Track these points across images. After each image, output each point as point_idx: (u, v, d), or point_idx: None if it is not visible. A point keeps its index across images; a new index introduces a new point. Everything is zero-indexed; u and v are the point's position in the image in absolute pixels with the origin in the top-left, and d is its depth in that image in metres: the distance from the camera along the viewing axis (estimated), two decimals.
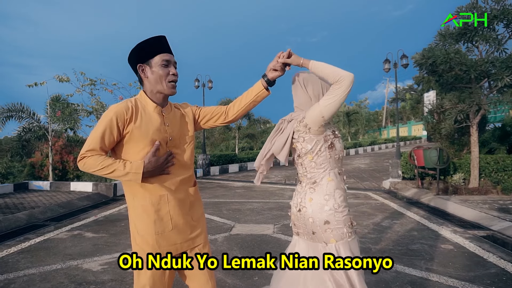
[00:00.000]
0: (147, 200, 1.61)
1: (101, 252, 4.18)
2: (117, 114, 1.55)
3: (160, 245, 1.62)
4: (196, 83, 15.60)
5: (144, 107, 1.65)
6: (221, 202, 7.59)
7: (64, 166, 10.62)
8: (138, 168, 1.53)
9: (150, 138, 1.59)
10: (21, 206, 6.81)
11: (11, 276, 3.46)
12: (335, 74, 1.62)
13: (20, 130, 10.68)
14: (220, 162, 15.34)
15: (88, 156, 1.53)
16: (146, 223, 1.61)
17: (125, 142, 1.59)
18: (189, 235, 1.71)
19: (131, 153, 1.60)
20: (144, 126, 1.59)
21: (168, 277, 1.68)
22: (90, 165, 1.52)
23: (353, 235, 1.72)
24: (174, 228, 1.65)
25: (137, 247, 1.64)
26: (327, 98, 1.65)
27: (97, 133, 1.53)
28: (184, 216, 1.69)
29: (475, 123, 7.54)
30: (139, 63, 1.64)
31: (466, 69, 7.04)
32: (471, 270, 3.39)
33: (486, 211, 5.66)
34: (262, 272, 3.45)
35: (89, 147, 1.53)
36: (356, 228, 1.79)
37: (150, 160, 1.56)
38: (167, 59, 1.64)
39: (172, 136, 1.67)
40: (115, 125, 1.54)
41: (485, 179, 7.87)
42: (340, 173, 1.81)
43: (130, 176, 1.53)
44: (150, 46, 1.63)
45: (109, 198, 8.39)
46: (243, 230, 5.10)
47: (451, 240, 4.39)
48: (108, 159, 1.53)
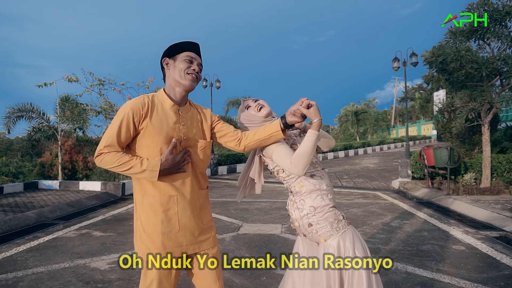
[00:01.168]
0: (156, 199, 1.60)
1: (109, 251, 4.19)
2: (133, 109, 1.56)
3: (166, 246, 1.61)
4: (204, 82, 15.63)
5: (161, 104, 1.65)
6: (229, 201, 7.57)
7: (73, 165, 10.70)
8: (155, 166, 1.54)
9: (164, 135, 1.59)
10: (31, 205, 6.88)
11: (19, 274, 3.48)
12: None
13: (30, 130, 10.80)
14: (228, 162, 15.33)
15: (106, 152, 1.53)
16: (154, 222, 1.60)
17: (140, 138, 1.59)
18: (197, 238, 1.69)
19: (145, 149, 1.59)
20: (158, 122, 1.59)
21: (174, 276, 1.66)
22: (107, 161, 1.53)
23: (342, 229, 1.69)
24: (181, 230, 1.63)
25: (142, 245, 1.62)
26: (280, 156, 1.71)
27: (114, 128, 1.54)
28: (194, 218, 1.67)
29: (486, 122, 7.40)
30: (165, 57, 1.69)
31: (477, 67, 6.92)
32: (484, 272, 3.31)
33: (498, 211, 5.55)
34: (270, 272, 3.42)
35: (106, 143, 1.54)
36: (346, 220, 1.75)
37: (167, 158, 1.57)
38: (192, 56, 1.68)
39: (187, 136, 1.67)
40: (131, 120, 1.55)
41: (497, 179, 7.73)
42: (314, 175, 1.77)
43: (146, 174, 1.54)
44: (181, 45, 1.69)
45: (118, 197, 8.43)
46: (251, 229, 5.07)
47: (463, 240, 4.31)
48: (125, 156, 1.54)
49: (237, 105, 18.88)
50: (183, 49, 1.68)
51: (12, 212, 6.15)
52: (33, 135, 10.76)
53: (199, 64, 1.71)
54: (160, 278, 1.61)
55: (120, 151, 1.56)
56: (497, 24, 7.11)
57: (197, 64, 1.70)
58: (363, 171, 13.46)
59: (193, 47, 1.71)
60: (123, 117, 1.55)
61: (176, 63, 1.66)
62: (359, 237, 1.73)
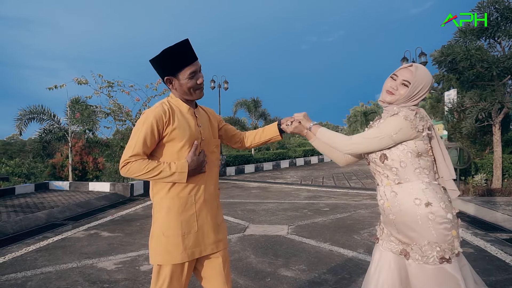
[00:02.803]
0: (175, 201, 1.63)
1: (116, 251, 4.23)
2: (156, 118, 1.60)
3: (187, 246, 1.63)
4: (212, 84, 15.71)
5: (179, 109, 1.70)
6: (236, 202, 7.58)
7: (83, 166, 10.85)
8: (183, 168, 1.60)
9: (188, 138, 1.65)
10: (41, 206, 6.99)
11: (28, 274, 3.54)
12: (343, 144, 1.70)
13: (41, 132, 10.98)
14: (236, 163, 15.37)
15: (133, 161, 1.57)
16: (174, 224, 1.62)
17: (163, 143, 1.64)
18: (215, 238, 1.73)
19: (169, 153, 1.65)
20: (182, 127, 1.65)
21: (185, 278, 1.67)
22: (135, 169, 1.56)
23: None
24: (199, 230, 1.67)
25: (161, 249, 1.62)
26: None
27: (140, 138, 1.58)
28: (211, 218, 1.72)
29: (497, 122, 7.28)
30: (166, 76, 1.67)
31: (487, 66, 6.82)
32: (492, 275, 3.26)
33: (509, 213, 5.45)
34: (274, 273, 3.42)
35: (133, 152, 1.57)
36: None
37: (193, 159, 1.63)
38: (193, 70, 1.66)
39: (204, 137, 1.75)
40: (155, 129, 1.59)
41: (508, 179, 7.60)
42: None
43: (176, 176, 1.60)
44: (175, 58, 1.63)
45: (126, 198, 8.52)
46: (257, 230, 5.07)
47: (472, 243, 4.24)
48: (152, 162, 1.59)
49: (245, 106, 18.92)
50: (182, 64, 1.63)
51: (23, 213, 6.25)
52: (44, 136, 10.94)
53: (200, 71, 1.71)
54: (171, 279, 1.62)
55: (145, 159, 1.60)
56: (508, 22, 7.00)
57: (200, 73, 1.70)
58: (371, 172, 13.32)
59: (188, 55, 1.65)
60: (148, 127, 1.58)
61: (182, 82, 1.66)
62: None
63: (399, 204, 1.59)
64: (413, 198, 1.56)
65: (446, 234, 1.52)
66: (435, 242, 1.51)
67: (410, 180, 1.59)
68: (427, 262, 1.51)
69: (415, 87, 1.61)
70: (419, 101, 1.65)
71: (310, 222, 5.48)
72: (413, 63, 1.69)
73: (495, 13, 7.03)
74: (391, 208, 1.62)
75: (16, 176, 11.38)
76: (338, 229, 5.02)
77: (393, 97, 1.65)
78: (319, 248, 4.18)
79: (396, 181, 1.62)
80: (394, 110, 1.63)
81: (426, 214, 1.52)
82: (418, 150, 1.58)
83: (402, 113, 1.58)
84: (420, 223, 1.53)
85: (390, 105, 1.68)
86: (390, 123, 1.60)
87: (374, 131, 1.64)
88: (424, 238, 1.53)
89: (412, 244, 1.56)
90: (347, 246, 4.22)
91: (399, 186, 1.61)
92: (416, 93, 1.62)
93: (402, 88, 1.63)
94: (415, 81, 1.60)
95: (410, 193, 1.57)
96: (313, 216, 5.96)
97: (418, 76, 1.60)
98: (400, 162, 1.60)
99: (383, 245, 1.70)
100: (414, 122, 1.55)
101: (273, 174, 14.19)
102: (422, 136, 1.58)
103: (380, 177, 1.71)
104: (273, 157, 17.23)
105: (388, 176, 1.65)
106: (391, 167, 1.62)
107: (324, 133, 1.79)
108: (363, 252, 3.96)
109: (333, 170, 13.99)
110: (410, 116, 1.56)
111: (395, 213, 1.61)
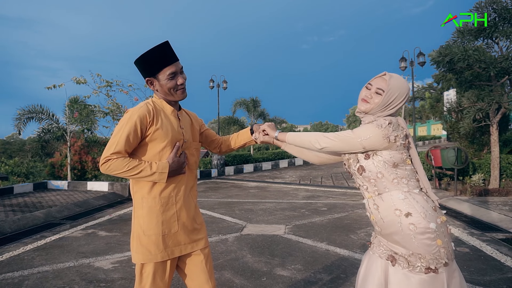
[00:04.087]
0: (156, 201, 1.65)
1: (113, 250, 4.25)
2: (141, 117, 1.62)
3: (166, 246, 1.66)
4: (211, 83, 15.71)
5: (163, 110, 1.73)
6: (234, 202, 7.60)
7: (83, 166, 10.86)
8: (164, 168, 1.62)
9: (170, 139, 1.68)
10: (39, 205, 7.00)
11: (25, 273, 3.55)
12: (314, 142, 1.69)
13: (39, 131, 11.00)
14: (235, 162, 15.37)
15: (114, 158, 1.58)
16: (154, 224, 1.64)
17: (145, 143, 1.66)
18: (194, 237, 1.76)
19: (151, 153, 1.67)
20: (165, 127, 1.68)
21: (168, 276, 1.70)
22: (116, 167, 1.57)
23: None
24: (180, 229, 1.70)
25: (142, 248, 1.65)
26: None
27: (123, 136, 1.59)
28: (190, 218, 1.75)
29: (495, 122, 7.30)
30: (147, 77, 1.70)
31: (485, 67, 6.83)
32: (487, 274, 3.27)
33: (506, 213, 5.47)
34: (270, 272, 3.43)
35: (114, 149, 1.58)
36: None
37: (174, 160, 1.66)
38: (172, 71, 1.67)
39: (186, 139, 1.78)
40: (139, 128, 1.61)
41: (506, 179, 7.62)
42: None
43: (156, 176, 1.61)
44: (155, 60, 1.65)
45: (124, 197, 8.52)
46: (254, 230, 5.08)
47: (467, 242, 4.26)
48: (133, 161, 1.60)
49: (244, 105, 18.92)
50: (160, 65, 1.65)
51: (21, 212, 6.26)
52: (42, 136, 10.95)
53: (181, 72, 1.72)
54: (155, 277, 1.65)
55: (127, 157, 1.61)
56: (506, 22, 7.01)
57: (180, 74, 1.71)
58: None
59: (167, 56, 1.66)
60: (131, 126, 1.59)
61: (162, 83, 1.68)
62: None
63: (382, 217, 1.59)
64: (393, 210, 1.54)
65: (429, 244, 1.49)
66: (418, 253, 1.50)
67: (390, 190, 1.58)
68: (413, 271, 1.50)
69: (389, 96, 1.60)
70: (396, 110, 1.65)
71: (307, 222, 5.50)
72: (386, 72, 1.68)
73: (493, 14, 7.04)
74: (376, 221, 1.63)
75: (15, 176, 11.38)
76: (335, 229, 5.04)
77: (368, 106, 1.65)
78: (316, 247, 4.20)
79: (376, 193, 1.62)
80: (370, 119, 1.65)
81: (407, 225, 1.50)
82: (394, 160, 1.58)
83: (376, 122, 1.59)
84: (403, 235, 1.52)
85: (367, 115, 1.69)
86: (362, 128, 1.61)
87: (347, 132, 1.65)
88: (408, 249, 1.52)
89: (398, 253, 1.56)
90: (344, 245, 4.24)
91: (379, 197, 1.60)
92: (390, 102, 1.62)
93: (377, 97, 1.62)
94: (388, 90, 1.60)
95: (390, 205, 1.56)
96: (311, 215, 5.97)
97: (392, 84, 1.61)
98: (377, 173, 1.59)
99: (373, 250, 1.70)
100: (386, 131, 1.54)
101: (272, 173, 14.20)
102: (396, 146, 1.56)
103: (362, 190, 1.72)
104: (272, 157, 17.22)
105: (367, 188, 1.66)
106: (369, 179, 1.62)
107: (293, 137, 1.80)
108: (360, 252, 3.98)
109: (332, 170, 13.99)
110: (383, 124, 1.55)
111: (380, 226, 1.62)
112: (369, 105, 1.65)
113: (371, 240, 1.79)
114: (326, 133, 1.69)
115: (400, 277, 1.53)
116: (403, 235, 1.52)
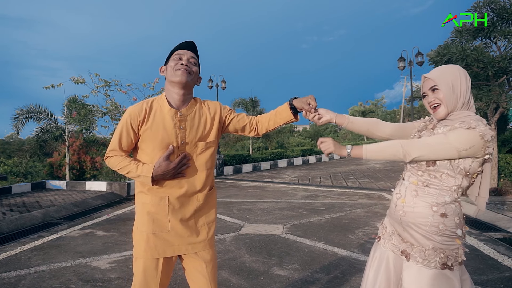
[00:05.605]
0: (149, 200, 1.66)
1: (111, 250, 4.24)
2: (131, 116, 1.64)
3: (156, 244, 1.65)
4: (210, 83, 15.70)
5: (160, 109, 1.68)
6: (233, 201, 7.59)
7: (81, 166, 10.84)
8: (147, 172, 1.61)
9: (160, 140, 1.63)
10: (37, 205, 6.99)
11: (22, 272, 3.55)
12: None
13: (38, 131, 10.97)
14: (233, 162, 15.37)
15: (111, 156, 1.68)
16: (145, 221, 1.66)
17: (140, 142, 1.67)
18: (189, 239, 1.70)
19: (144, 154, 1.67)
20: (154, 128, 1.64)
21: (161, 274, 1.67)
22: (112, 164, 1.68)
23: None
24: (172, 230, 1.66)
25: (135, 242, 1.69)
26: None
27: (116, 134, 1.66)
28: (186, 220, 1.69)
29: (493, 122, 7.29)
30: (161, 66, 1.77)
31: (483, 66, 6.83)
32: (484, 274, 3.27)
33: (503, 212, 5.47)
34: (267, 272, 3.43)
35: (110, 147, 1.68)
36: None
37: (161, 164, 1.60)
38: (180, 53, 1.70)
39: (185, 140, 1.67)
40: (130, 126, 1.63)
41: (504, 179, 7.61)
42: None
43: (141, 179, 1.63)
44: (173, 49, 1.73)
45: (123, 197, 8.51)
46: (252, 230, 5.08)
47: (465, 242, 4.26)
48: (125, 160, 1.65)
49: (243, 105, 18.91)
50: (174, 51, 1.73)
51: (19, 212, 6.25)
52: (41, 136, 10.93)
53: (189, 58, 1.70)
54: (145, 275, 1.66)
55: (122, 155, 1.66)
56: (504, 22, 7.01)
57: (187, 58, 1.69)
58: (369, 171, 13.37)
59: (184, 45, 1.73)
60: (123, 124, 1.64)
61: (168, 65, 1.71)
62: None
63: (414, 204, 1.54)
64: (432, 205, 1.50)
65: (452, 244, 1.52)
66: (440, 248, 1.49)
67: (440, 190, 1.52)
68: (428, 266, 1.48)
69: (447, 86, 1.51)
70: (472, 101, 1.53)
71: (305, 222, 5.50)
72: (423, 74, 1.63)
73: (491, 13, 7.04)
74: (404, 205, 1.57)
75: (14, 175, 11.36)
76: (333, 229, 5.03)
77: (442, 108, 1.54)
78: (313, 247, 4.19)
79: (425, 183, 1.54)
80: (470, 123, 1.45)
81: (438, 223, 1.49)
82: (470, 170, 1.48)
83: (480, 128, 1.42)
84: (429, 228, 1.50)
85: (449, 119, 1.55)
86: (461, 135, 1.44)
87: (440, 139, 1.48)
88: (429, 242, 1.51)
89: (416, 245, 1.54)
90: (341, 245, 4.24)
91: (425, 188, 1.54)
92: (458, 93, 1.51)
93: (438, 93, 1.54)
94: (440, 81, 1.53)
95: (432, 200, 1.51)
96: (309, 215, 5.97)
97: (437, 76, 1.54)
98: (443, 174, 1.50)
99: (384, 244, 1.67)
100: (488, 144, 1.43)
101: (270, 173, 14.19)
102: (483, 159, 1.47)
103: (409, 173, 1.62)
104: (271, 157, 17.22)
105: (420, 176, 1.56)
106: (431, 172, 1.52)
107: (372, 154, 1.58)
108: (357, 252, 3.98)
109: (331, 169, 14.00)
110: (488, 136, 1.42)
111: (406, 211, 1.56)
112: (442, 106, 1.54)
113: (379, 234, 1.75)
114: (408, 141, 1.53)
115: (415, 272, 1.52)
116: (429, 228, 1.51)
